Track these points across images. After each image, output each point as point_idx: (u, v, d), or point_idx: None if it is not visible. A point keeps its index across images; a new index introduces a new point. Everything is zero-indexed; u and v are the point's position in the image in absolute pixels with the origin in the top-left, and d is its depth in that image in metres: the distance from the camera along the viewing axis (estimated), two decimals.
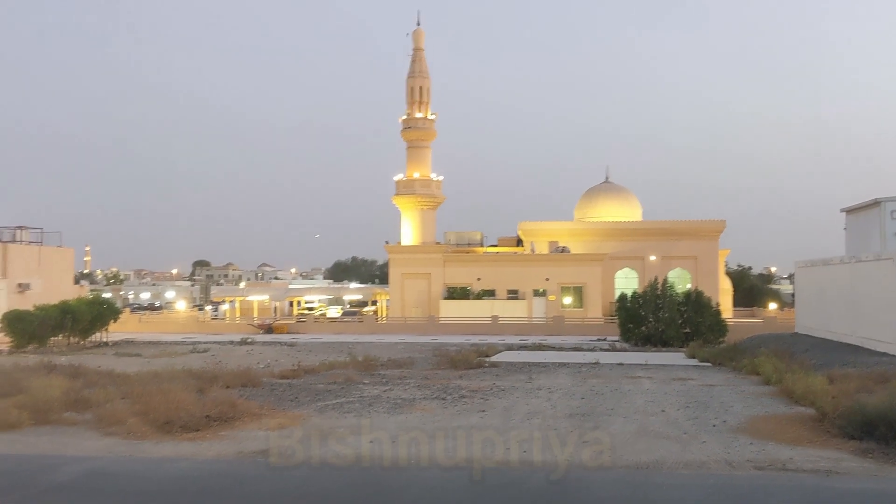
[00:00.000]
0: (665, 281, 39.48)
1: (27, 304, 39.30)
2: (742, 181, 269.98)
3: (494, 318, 49.39)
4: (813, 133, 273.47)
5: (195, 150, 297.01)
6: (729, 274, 71.06)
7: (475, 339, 39.83)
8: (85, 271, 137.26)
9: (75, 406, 15.46)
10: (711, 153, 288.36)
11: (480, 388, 19.38)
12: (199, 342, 38.23)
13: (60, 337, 35.70)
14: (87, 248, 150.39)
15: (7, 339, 34.47)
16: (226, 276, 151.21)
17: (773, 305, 69.80)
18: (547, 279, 56.45)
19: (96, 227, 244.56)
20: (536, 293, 56.39)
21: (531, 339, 39.93)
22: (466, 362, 25.40)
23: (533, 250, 59.63)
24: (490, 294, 56.46)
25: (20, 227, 55.59)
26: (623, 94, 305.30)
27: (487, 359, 27.76)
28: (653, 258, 59.23)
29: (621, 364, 26.06)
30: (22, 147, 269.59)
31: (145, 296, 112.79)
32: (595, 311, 55.08)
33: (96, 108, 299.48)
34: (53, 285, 51.97)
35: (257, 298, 67.34)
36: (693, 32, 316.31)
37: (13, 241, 54.42)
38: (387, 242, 61.69)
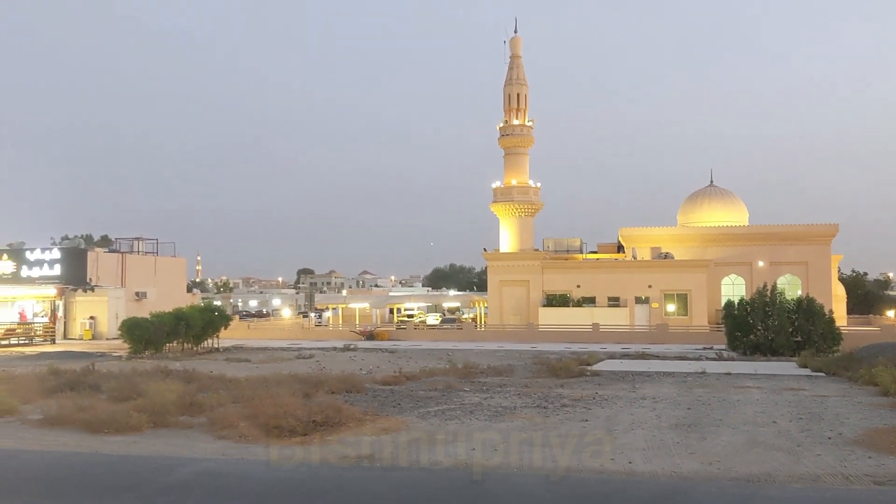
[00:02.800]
0: (774, 287, 38.03)
1: (143, 311, 41.25)
2: (857, 183, 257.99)
3: (595, 325, 48.72)
4: None
5: (298, 162, 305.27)
6: (842, 280, 67.90)
7: (575, 347, 39.40)
8: (196, 280, 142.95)
9: (189, 410, 16.11)
10: (823, 156, 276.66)
11: (582, 396, 19.17)
12: (304, 348, 39.21)
13: (174, 343, 37.13)
14: (199, 258, 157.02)
15: (125, 344, 36.17)
16: (328, 283, 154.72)
17: (891, 313, 66.30)
18: (649, 286, 55.32)
19: (207, 237, 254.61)
20: (638, 300, 55.32)
21: (633, 348, 39.18)
22: (567, 370, 25.15)
23: (634, 257, 58.54)
24: (590, 301, 55.72)
25: (137, 238, 58.59)
26: (728, 95, 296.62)
27: (589, 367, 27.39)
28: (761, 264, 57.19)
29: (729, 373, 25.27)
30: (138, 161, 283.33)
31: (253, 303, 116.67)
32: (700, 318, 53.60)
33: (206, 128, 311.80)
34: (167, 293, 54.52)
35: (358, 306, 68.60)
36: (807, 31, 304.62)
37: (131, 251, 57.41)
38: (485, 250, 61.72)
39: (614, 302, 55.55)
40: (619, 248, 63.08)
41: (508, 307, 57.67)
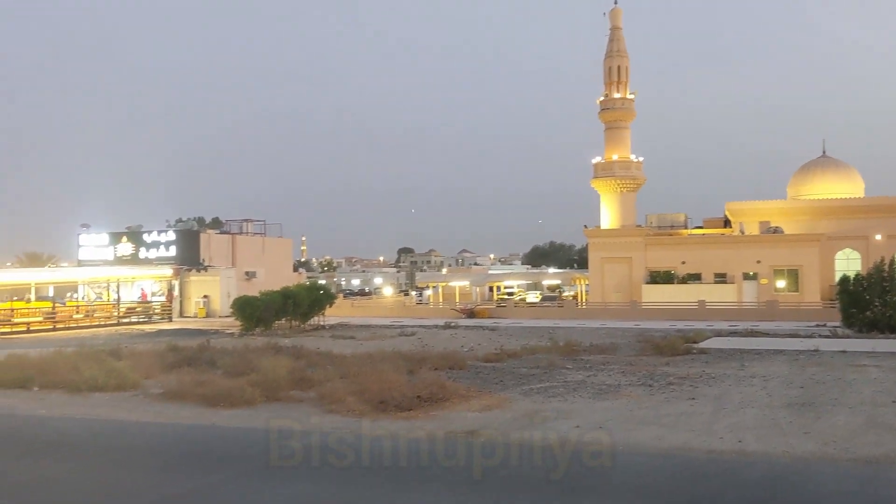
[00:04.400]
0: (892, 261, 36.14)
1: (253, 290, 42.66)
2: None
3: (701, 302, 47.49)
4: None
5: (394, 141, 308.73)
6: None
7: (680, 325, 38.53)
8: (302, 259, 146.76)
9: (300, 385, 16.61)
10: None
11: (689, 375, 18.78)
12: (406, 326, 39.76)
13: (283, 320, 38.26)
14: (304, 238, 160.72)
15: (237, 322, 37.56)
16: (428, 262, 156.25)
17: None
18: (758, 262, 53.55)
19: (311, 218, 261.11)
20: (747, 277, 53.65)
21: (741, 325, 38.02)
22: (673, 348, 24.62)
23: (742, 231, 56.75)
24: (695, 278, 54.39)
25: (246, 220, 60.70)
26: (842, 62, 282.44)
27: (695, 345, 26.75)
28: (878, 237, 54.47)
29: (844, 351, 24.21)
30: (248, 147, 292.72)
31: (356, 282, 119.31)
32: (812, 295, 51.55)
33: (305, 111, 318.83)
34: (275, 273, 56.28)
35: (458, 284, 69.12)
36: None
37: (240, 232, 59.55)
38: (585, 227, 61.05)
39: (721, 279, 54.07)
40: (726, 223, 61.27)
41: (610, 285, 56.94)
